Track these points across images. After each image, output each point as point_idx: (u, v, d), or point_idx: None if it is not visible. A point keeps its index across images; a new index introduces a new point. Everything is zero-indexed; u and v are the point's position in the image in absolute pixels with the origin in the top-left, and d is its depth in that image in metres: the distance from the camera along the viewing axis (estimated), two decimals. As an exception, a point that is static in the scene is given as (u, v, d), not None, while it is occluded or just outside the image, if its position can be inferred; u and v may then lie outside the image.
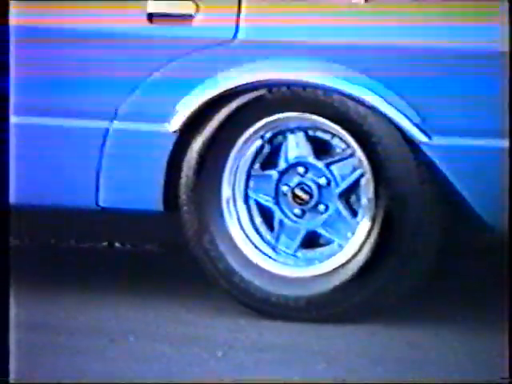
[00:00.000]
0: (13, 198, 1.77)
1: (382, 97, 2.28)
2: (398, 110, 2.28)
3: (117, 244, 3.37)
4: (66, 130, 2.51)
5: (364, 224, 2.32)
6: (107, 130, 2.44)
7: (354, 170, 2.36)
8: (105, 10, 2.43)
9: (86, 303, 2.58)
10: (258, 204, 2.44)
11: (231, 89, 2.35)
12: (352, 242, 2.35)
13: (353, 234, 2.34)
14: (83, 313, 2.49)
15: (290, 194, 2.39)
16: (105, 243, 3.36)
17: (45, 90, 2.49)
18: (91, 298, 2.63)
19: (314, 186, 2.38)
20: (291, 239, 2.41)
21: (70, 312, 2.49)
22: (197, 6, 2.38)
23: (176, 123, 2.37)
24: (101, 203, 2.48)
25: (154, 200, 2.44)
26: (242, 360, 2.11)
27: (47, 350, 2.18)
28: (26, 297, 2.46)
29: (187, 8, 2.38)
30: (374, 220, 2.31)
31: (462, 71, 2.28)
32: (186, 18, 2.40)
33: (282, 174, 2.40)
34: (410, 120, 2.28)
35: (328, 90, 2.31)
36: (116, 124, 2.44)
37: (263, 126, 2.39)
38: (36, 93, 2.47)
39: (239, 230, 2.43)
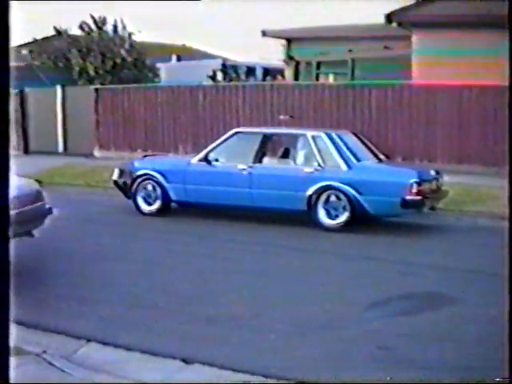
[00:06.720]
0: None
1: (350, 187, 11.81)
2: (354, 190, 11.81)
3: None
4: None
5: (347, 212, 11.88)
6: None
7: (345, 202, 11.87)
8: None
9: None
10: (326, 208, 11.96)
11: (320, 187, 11.99)
12: (343, 216, 11.89)
13: (343, 214, 11.91)
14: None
15: (332, 206, 11.94)
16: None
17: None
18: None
19: (337, 205, 11.90)
20: (332, 214, 11.95)
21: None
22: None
23: (309, 193, 11.97)
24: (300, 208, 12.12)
25: (304, 205, 12.04)
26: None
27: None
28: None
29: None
30: (348, 212, 11.85)
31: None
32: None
33: (331, 202, 11.91)
34: (356, 191, 11.79)
35: (339, 188, 11.96)
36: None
37: (326, 194, 11.98)
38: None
39: (322, 212, 11.94)
